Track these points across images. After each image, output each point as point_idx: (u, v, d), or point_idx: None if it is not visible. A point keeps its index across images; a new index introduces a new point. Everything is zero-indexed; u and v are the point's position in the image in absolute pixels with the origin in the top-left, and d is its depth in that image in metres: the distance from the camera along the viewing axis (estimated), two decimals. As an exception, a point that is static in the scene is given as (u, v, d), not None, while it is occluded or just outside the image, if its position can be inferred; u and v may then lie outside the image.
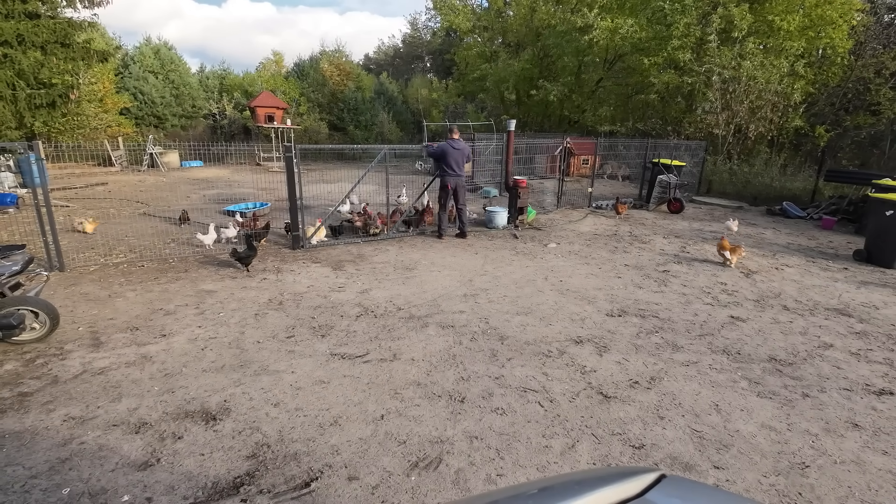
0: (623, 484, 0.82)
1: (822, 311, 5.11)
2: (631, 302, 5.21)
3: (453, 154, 7.57)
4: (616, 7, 17.92)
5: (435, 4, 25.82)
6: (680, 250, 7.51)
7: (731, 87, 14.39)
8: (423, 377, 3.55)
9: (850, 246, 8.07)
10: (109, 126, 21.88)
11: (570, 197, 12.05)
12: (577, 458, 2.72)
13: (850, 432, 3.01)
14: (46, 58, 15.29)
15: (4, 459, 2.61)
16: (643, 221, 9.95)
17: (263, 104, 22.16)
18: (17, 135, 15.25)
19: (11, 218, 8.80)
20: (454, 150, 7.58)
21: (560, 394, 3.36)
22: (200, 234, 6.86)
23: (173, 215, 8.95)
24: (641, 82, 17.78)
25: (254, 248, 5.93)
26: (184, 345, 4.01)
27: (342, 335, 4.24)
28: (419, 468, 2.60)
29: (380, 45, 54.33)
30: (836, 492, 2.51)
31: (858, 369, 3.84)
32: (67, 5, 15.80)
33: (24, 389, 3.30)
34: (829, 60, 15.24)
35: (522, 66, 22.22)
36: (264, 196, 10.77)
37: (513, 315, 4.76)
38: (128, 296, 5.13)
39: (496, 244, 7.70)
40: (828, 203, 10.78)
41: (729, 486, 2.53)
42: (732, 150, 15.17)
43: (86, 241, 7.29)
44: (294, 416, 3.04)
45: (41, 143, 5.76)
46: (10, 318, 3.66)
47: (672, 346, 4.16)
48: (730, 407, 3.25)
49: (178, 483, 2.46)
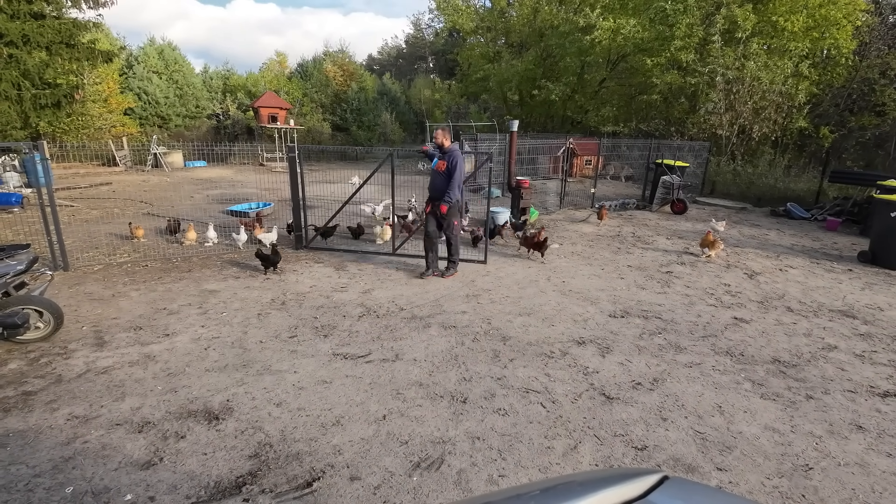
0: (625, 485, 0.82)
1: (826, 312, 5.09)
2: (634, 303, 5.19)
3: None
4: (618, 7, 17.89)
5: (438, 5, 25.80)
6: (683, 251, 7.48)
7: (735, 87, 14.34)
8: (425, 377, 3.55)
9: (854, 247, 8.03)
10: (114, 126, 21.98)
11: (572, 197, 12.04)
12: (580, 460, 2.71)
13: (854, 434, 2.99)
14: (51, 58, 15.38)
15: (8, 458, 2.62)
16: (646, 222, 9.92)
17: (267, 104, 22.23)
18: (22, 135, 15.33)
19: (16, 217, 8.84)
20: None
21: (562, 395, 3.35)
22: (235, 234, 7.10)
23: (163, 222, 8.23)
24: (644, 83, 17.74)
25: (278, 253, 5.92)
26: (187, 344, 4.02)
27: (344, 335, 4.25)
28: (421, 468, 2.60)
29: (383, 45, 54.44)
30: (839, 494, 2.49)
31: (863, 371, 3.82)
32: (72, 6, 15.88)
33: (28, 388, 3.32)
34: (834, 61, 15.17)
35: (525, 66, 22.20)
36: (267, 196, 10.79)
37: (515, 316, 4.75)
38: (131, 295, 5.15)
39: (497, 245, 7.69)
40: (832, 204, 10.73)
41: (732, 487, 2.52)
42: (736, 150, 15.12)
43: (90, 240, 7.32)
44: (296, 416, 3.04)
45: (46, 142, 5.78)
46: (14, 317, 3.68)
47: (675, 347, 4.15)
48: (733, 409, 3.24)
49: (181, 482, 2.47)
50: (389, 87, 33.33)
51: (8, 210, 9.56)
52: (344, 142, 28.71)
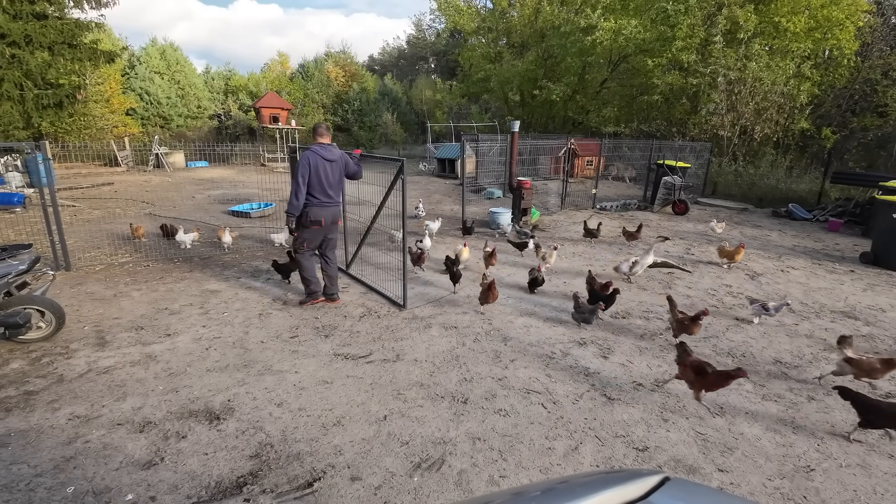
0: (626, 486, 0.81)
1: (828, 313, 5.07)
2: (635, 304, 5.19)
3: (323, 169, 4.48)
4: (619, 8, 17.88)
5: (439, 5, 25.82)
6: (685, 252, 7.47)
7: (737, 88, 14.33)
8: (426, 378, 3.55)
9: (856, 248, 8.01)
10: (115, 126, 22.06)
11: (573, 198, 12.03)
12: (581, 461, 2.71)
13: (855, 435, 2.98)
14: (54, 58, 15.42)
15: (10, 458, 2.62)
16: (647, 223, 9.91)
17: (268, 105, 22.29)
18: (24, 135, 15.38)
19: (18, 217, 8.86)
20: (326, 162, 4.50)
21: (563, 395, 3.35)
22: (273, 234, 7.18)
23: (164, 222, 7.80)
24: (645, 83, 17.73)
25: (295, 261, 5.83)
26: (188, 344, 4.03)
27: (345, 335, 4.25)
28: (422, 469, 2.60)
29: (384, 46, 54.55)
30: (841, 495, 2.49)
31: (865, 373, 3.81)
32: (75, 6, 15.93)
33: (30, 388, 3.32)
34: (836, 62, 15.15)
35: (526, 66, 22.20)
36: (269, 196, 10.80)
37: (516, 316, 4.75)
38: (133, 295, 5.15)
39: (499, 245, 7.68)
40: (834, 205, 10.71)
41: (733, 489, 2.52)
42: (738, 151, 15.10)
43: (91, 240, 7.33)
44: (297, 416, 3.05)
45: (48, 143, 5.80)
46: (16, 317, 3.68)
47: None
48: (734, 410, 3.23)
49: (182, 482, 2.47)
50: (391, 87, 33.40)
51: (10, 210, 9.59)
52: (345, 142, 28.75)
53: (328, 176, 4.51)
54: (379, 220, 5.51)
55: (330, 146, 4.60)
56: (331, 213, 4.66)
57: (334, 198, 4.66)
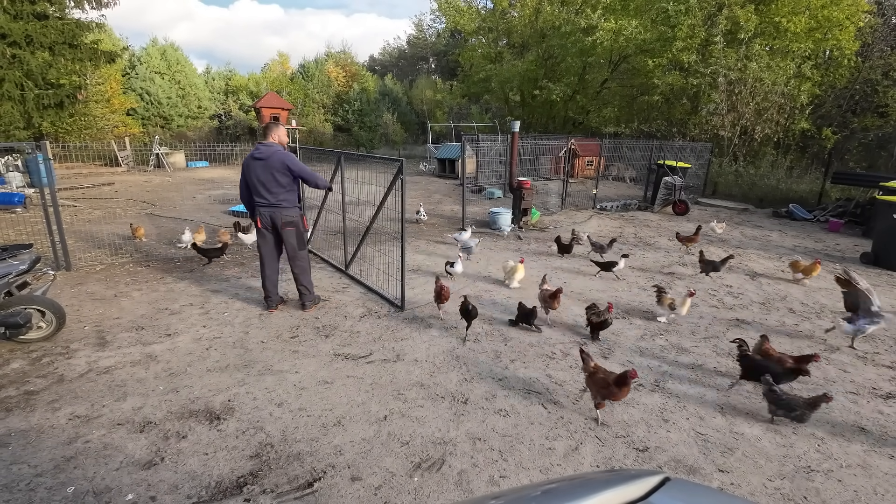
0: (627, 487, 0.81)
1: (828, 314, 5.07)
2: (635, 304, 5.19)
3: (253, 169, 4.40)
4: (620, 8, 17.89)
5: (439, 6, 25.83)
6: (685, 252, 7.47)
7: (737, 88, 14.33)
8: (426, 378, 3.54)
9: (857, 249, 8.00)
10: (116, 126, 22.07)
11: (574, 198, 12.02)
12: (581, 461, 2.71)
13: (856, 436, 2.98)
14: (54, 58, 15.44)
15: (10, 457, 2.62)
16: (648, 223, 9.91)
17: (269, 105, 22.33)
18: (25, 135, 15.39)
19: (19, 217, 8.86)
20: (253, 160, 4.41)
21: (564, 396, 3.35)
22: (182, 234, 7.05)
23: (165, 223, 8.50)
24: (646, 83, 17.74)
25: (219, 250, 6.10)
26: (189, 344, 4.03)
27: (346, 335, 4.25)
28: (422, 469, 2.60)
29: (385, 46, 54.54)
30: (841, 496, 2.48)
31: (865, 373, 3.81)
32: (75, 6, 15.96)
33: (30, 388, 3.32)
34: (836, 62, 15.16)
35: (527, 67, 22.21)
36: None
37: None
38: (133, 295, 5.16)
39: (499, 245, 7.69)
40: (834, 205, 10.71)
41: (734, 489, 2.52)
42: (738, 151, 15.10)
43: (92, 240, 7.34)
44: (297, 417, 3.05)
45: (49, 143, 5.81)
46: (16, 317, 3.69)
47: (677, 348, 4.14)
48: (734, 410, 3.23)
49: (182, 482, 2.47)
50: (391, 87, 33.42)
51: (11, 210, 9.59)
52: (346, 142, 28.76)
53: (257, 175, 4.40)
54: (379, 221, 5.52)
55: (268, 144, 4.48)
56: (267, 213, 4.47)
57: (268, 198, 4.44)
